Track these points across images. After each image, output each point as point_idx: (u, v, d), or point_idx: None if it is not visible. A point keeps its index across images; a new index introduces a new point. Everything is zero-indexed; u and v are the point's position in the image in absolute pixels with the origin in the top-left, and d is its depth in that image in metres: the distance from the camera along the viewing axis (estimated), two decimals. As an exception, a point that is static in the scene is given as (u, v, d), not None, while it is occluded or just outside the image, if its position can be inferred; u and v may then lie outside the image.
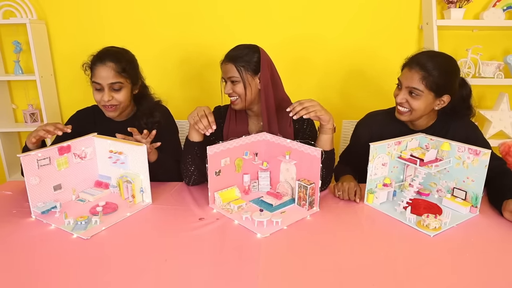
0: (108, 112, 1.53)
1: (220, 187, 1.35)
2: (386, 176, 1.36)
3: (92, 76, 1.50)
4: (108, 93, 1.48)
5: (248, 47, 1.50)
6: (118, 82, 1.49)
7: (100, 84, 1.48)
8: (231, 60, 1.47)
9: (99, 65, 1.47)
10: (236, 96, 1.50)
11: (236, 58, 1.47)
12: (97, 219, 1.19)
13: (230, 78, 1.48)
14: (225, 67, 1.49)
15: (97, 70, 1.48)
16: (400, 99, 1.42)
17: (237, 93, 1.49)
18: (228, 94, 1.52)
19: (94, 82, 1.49)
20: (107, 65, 1.47)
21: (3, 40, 2.38)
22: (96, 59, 1.50)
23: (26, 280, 0.93)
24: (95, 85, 1.50)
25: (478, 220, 1.23)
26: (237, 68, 1.46)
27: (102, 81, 1.47)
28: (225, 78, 1.51)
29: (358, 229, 1.18)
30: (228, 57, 1.49)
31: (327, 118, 1.35)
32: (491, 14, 2.16)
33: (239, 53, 1.48)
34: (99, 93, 1.50)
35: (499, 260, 1.01)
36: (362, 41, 2.34)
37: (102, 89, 1.48)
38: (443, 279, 0.93)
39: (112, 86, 1.48)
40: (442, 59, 1.40)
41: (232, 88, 1.49)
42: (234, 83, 1.49)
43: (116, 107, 1.52)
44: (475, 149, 1.23)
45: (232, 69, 1.47)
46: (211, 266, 0.98)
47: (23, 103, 2.49)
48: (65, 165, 1.33)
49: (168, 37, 2.35)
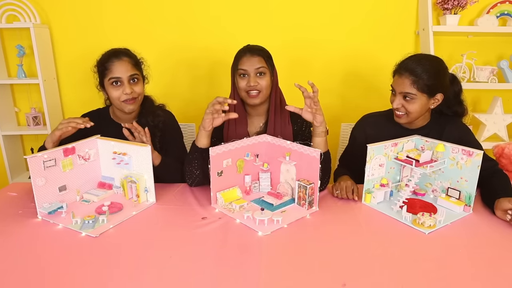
0: (129, 105, 1.55)
1: (222, 188, 1.38)
2: (383, 176, 1.40)
3: (108, 74, 1.51)
4: (128, 85, 1.52)
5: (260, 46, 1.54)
6: (136, 73, 1.55)
7: (120, 78, 1.51)
8: (257, 52, 1.48)
9: (115, 61, 1.51)
10: (259, 90, 1.49)
11: (260, 51, 1.49)
12: (104, 218, 1.22)
13: (258, 69, 1.47)
14: (251, 59, 1.47)
15: (114, 66, 1.51)
16: (396, 104, 1.47)
17: (262, 85, 1.48)
18: (250, 88, 1.48)
19: (112, 78, 1.51)
20: (123, 60, 1.52)
21: (6, 44, 2.41)
22: (109, 57, 1.53)
23: (38, 278, 0.96)
24: (113, 81, 1.51)
25: (471, 219, 1.27)
26: (265, 59, 1.48)
27: (121, 74, 1.51)
28: (246, 72, 1.48)
29: (356, 227, 1.22)
30: (253, 50, 1.48)
31: (320, 120, 1.38)
32: (485, 21, 2.22)
33: (259, 47, 1.51)
34: (118, 89, 1.52)
35: (491, 256, 1.05)
36: (361, 46, 2.40)
37: (121, 83, 1.52)
38: (437, 274, 0.97)
39: (131, 78, 1.53)
40: (429, 61, 1.45)
41: (258, 80, 1.48)
42: (261, 75, 1.48)
43: (136, 100, 1.56)
44: (468, 150, 1.28)
45: (261, 61, 1.48)
46: (214, 263, 1.02)
47: (26, 106, 2.52)
48: (70, 167, 1.36)
49: (169, 41, 2.39)
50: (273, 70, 1.54)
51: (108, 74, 1.52)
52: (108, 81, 1.52)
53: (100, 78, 1.56)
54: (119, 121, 1.66)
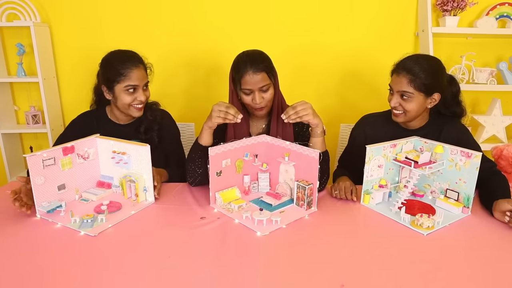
0: (139, 111, 1.58)
1: (221, 188, 1.38)
2: (382, 177, 1.40)
3: (125, 81, 1.51)
4: (142, 93, 1.55)
5: (260, 53, 1.50)
6: (148, 81, 1.59)
7: (137, 86, 1.53)
8: (260, 67, 1.43)
9: (134, 68, 1.52)
10: (264, 104, 1.48)
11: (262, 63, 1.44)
12: (103, 217, 1.22)
13: (262, 87, 1.44)
14: (255, 78, 1.43)
15: (132, 74, 1.51)
16: (393, 103, 1.48)
17: (267, 99, 1.47)
18: (256, 104, 1.46)
19: (129, 86, 1.51)
20: (140, 67, 1.55)
21: (6, 43, 2.42)
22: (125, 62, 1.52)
23: (36, 277, 0.96)
24: (129, 88, 1.52)
25: (470, 220, 1.27)
26: (268, 75, 1.45)
27: (139, 82, 1.53)
28: (251, 90, 1.45)
29: (354, 228, 1.22)
30: (256, 66, 1.43)
31: (315, 122, 1.39)
32: (485, 23, 2.22)
33: (260, 57, 1.47)
34: (132, 95, 1.53)
35: (490, 258, 1.05)
36: (360, 47, 2.40)
37: (136, 91, 1.53)
38: (436, 275, 0.97)
39: (145, 85, 1.57)
40: (426, 61, 1.47)
41: (263, 95, 1.46)
42: (265, 91, 1.46)
43: (144, 105, 1.59)
44: (467, 152, 1.28)
45: (265, 78, 1.44)
46: (212, 263, 1.02)
47: (25, 104, 2.52)
48: (69, 166, 1.36)
49: (170, 42, 2.39)
50: (275, 78, 1.52)
51: (125, 81, 1.51)
52: (124, 87, 1.52)
53: (109, 80, 1.53)
54: (117, 121, 1.66)
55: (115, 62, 1.53)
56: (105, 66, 1.56)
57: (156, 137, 1.65)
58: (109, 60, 1.56)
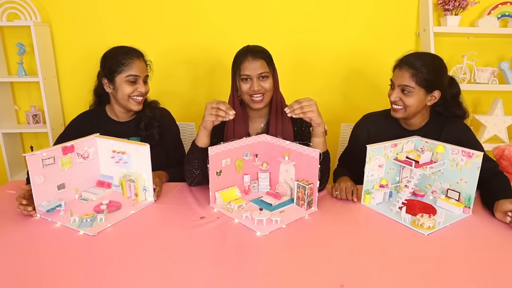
0: (138, 105, 1.60)
1: (221, 187, 1.38)
2: (382, 177, 1.40)
3: (127, 71, 1.53)
4: (143, 85, 1.57)
5: (260, 46, 1.53)
6: (148, 75, 1.61)
7: (138, 77, 1.55)
8: (259, 55, 1.46)
9: (135, 59, 1.55)
10: (263, 93, 1.48)
11: (262, 52, 1.48)
12: (102, 216, 1.22)
13: (261, 74, 1.46)
14: (253, 64, 1.45)
15: (134, 64, 1.54)
16: (394, 97, 1.48)
17: (265, 89, 1.48)
18: (254, 92, 1.47)
19: (130, 76, 1.54)
20: (141, 60, 1.58)
21: (7, 42, 2.42)
22: (127, 54, 1.55)
23: (35, 276, 0.96)
24: (131, 78, 1.54)
25: (471, 220, 1.26)
26: (267, 63, 1.48)
27: (140, 73, 1.56)
28: (249, 76, 1.47)
29: (355, 228, 1.21)
30: (254, 52, 1.47)
31: (318, 121, 1.38)
32: (486, 22, 2.22)
33: (260, 48, 1.50)
34: (132, 86, 1.55)
35: (490, 259, 1.05)
36: (362, 47, 2.40)
37: (136, 82, 1.55)
38: (436, 275, 0.97)
39: (145, 78, 1.59)
40: (429, 57, 1.48)
41: (261, 84, 1.47)
42: (263, 78, 1.48)
43: (143, 100, 1.61)
44: (468, 151, 1.27)
45: (264, 65, 1.47)
46: (212, 262, 1.01)
47: (26, 104, 2.52)
48: (69, 165, 1.36)
49: (170, 40, 2.39)
50: (275, 72, 1.53)
51: (127, 70, 1.54)
52: (126, 77, 1.54)
53: (111, 71, 1.55)
54: (117, 119, 1.66)
55: (118, 53, 1.56)
56: (107, 57, 1.58)
57: (157, 134, 1.65)
58: (111, 52, 1.59)
